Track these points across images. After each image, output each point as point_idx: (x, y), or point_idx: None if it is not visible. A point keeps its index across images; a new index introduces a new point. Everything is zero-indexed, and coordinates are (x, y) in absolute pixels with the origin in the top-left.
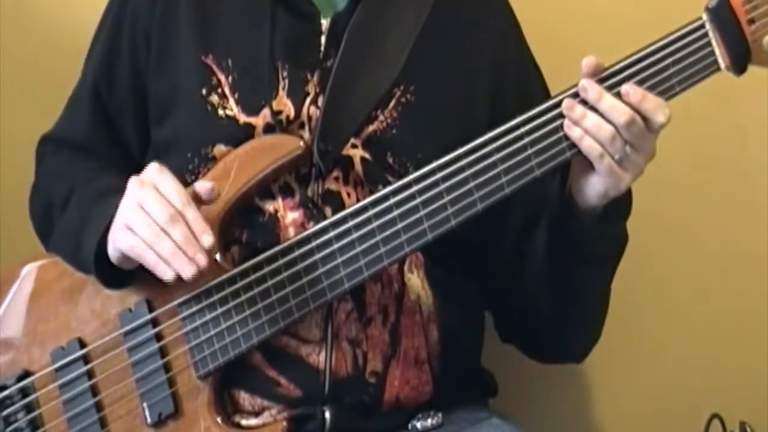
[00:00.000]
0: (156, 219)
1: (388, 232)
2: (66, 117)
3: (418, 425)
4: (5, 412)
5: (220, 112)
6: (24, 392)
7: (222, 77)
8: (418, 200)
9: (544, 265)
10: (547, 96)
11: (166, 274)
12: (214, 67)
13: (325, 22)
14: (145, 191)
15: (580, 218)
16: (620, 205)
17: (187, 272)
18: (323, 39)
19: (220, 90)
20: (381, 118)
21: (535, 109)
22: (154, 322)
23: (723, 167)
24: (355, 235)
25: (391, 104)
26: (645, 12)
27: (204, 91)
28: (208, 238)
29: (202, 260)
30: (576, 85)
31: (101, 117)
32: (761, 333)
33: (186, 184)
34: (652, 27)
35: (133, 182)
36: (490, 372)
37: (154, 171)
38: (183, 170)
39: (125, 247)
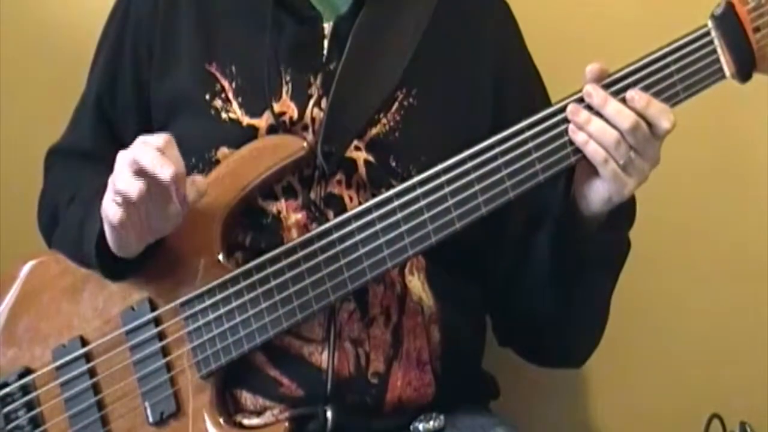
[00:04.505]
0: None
1: (391, 235)
2: (71, 128)
3: (420, 427)
4: (6, 410)
5: (224, 115)
6: (25, 390)
7: (225, 83)
8: (423, 203)
9: (545, 270)
10: (548, 102)
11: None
12: (218, 75)
13: (327, 26)
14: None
15: (583, 224)
16: (624, 212)
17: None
18: (326, 43)
19: (223, 95)
20: (384, 121)
21: (539, 113)
22: (157, 321)
23: (723, 170)
24: (358, 238)
25: (394, 107)
26: (650, 18)
27: (207, 97)
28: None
29: (167, 172)
30: (580, 90)
31: (105, 126)
32: (761, 333)
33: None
34: (657, 33)
35: (120, 154)
36: (491, 374)
37: (139, 138)
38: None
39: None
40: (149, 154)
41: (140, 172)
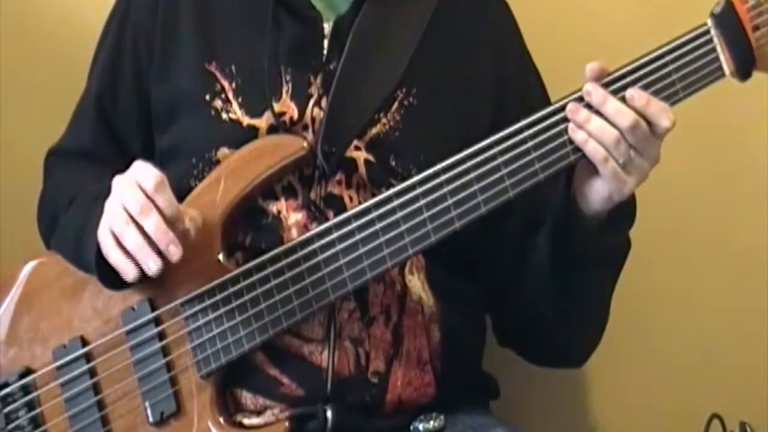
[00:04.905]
0: (130, 211)
1: (391, 234)
2: (71, 129)
3: (420, 427)
4: (7, 410)
5: (224, 116)
6: (25, 390)
7: (225, 83)
8: (422, 202)
9: (545, 269)
10: (547, 101)
11: (129, 274)
12: (218, 74)
13: (327, 26)
14: (124, 187)
15: (583, 224)
16: (624, 211)
17: (152, 267)
18: (326, 42)
19: (223, 95)
20: (384, 120)
21: (539, 112)
22: (157, 321)
23: (723, 168)
24: (358, 237)
25: (394, 107)
26: (649, 17)
27: (207, 97)
28: (180, 226)
29: (175, 252)
30: (580, 89)
31: (106, 127)
32: (761, 333)
33: (191, 189)
34: (656, 33)
35: (116, 181)
36: (491, 376)
37: (135, 166)
38: (188, 176)
39: (105, 251)
40: (154, 222)
41: (142, 230)
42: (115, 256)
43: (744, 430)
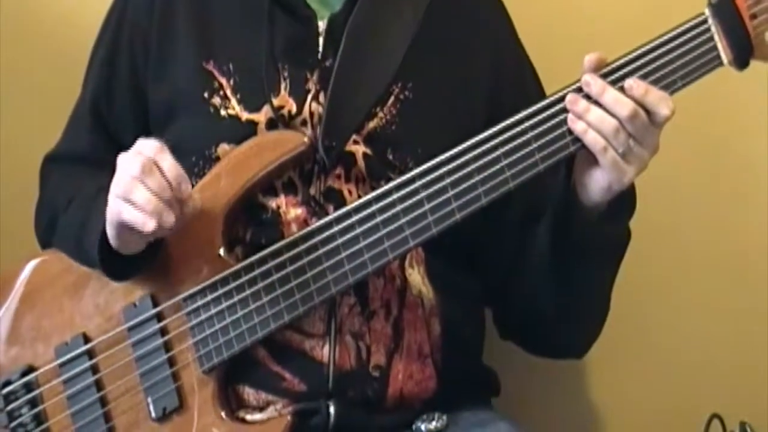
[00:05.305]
0: (133, 173)
1: (392, 227)
2: (68, 134)
3: (422, 427)
4: (10, 407)
5: (223, 112)
6: (28, 387)
7: (223, 81)
8: (423, 194)
9: (546, 260)
10: (542, 93)
11: (146, 225)
12: (216, 72)
13: (321, 24)
14: (127, 159)
15: (583, 215)
16: (624, 202)
17: (166, 219)
18: (321, 40)
19: (221, 92)
20: (380, 114)
21: (538, 103)
22: (159, 317)
23: (723, 164)
24: (359, 230)
25: (390, 101)
26: (647, 8)
27: (206, 95)
28: (185, 187)
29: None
30: (579, 80)
31: (102, 132)
32: (761, 333)
33: (192, 187)
34: (653, 24)
35: (120, 158)
36: (492, 370)
37: (138, 141)
38: (189, 174)
39: (110, 215)
40: (157, 180)
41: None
42: (127, 213)
43: (744, 430)
